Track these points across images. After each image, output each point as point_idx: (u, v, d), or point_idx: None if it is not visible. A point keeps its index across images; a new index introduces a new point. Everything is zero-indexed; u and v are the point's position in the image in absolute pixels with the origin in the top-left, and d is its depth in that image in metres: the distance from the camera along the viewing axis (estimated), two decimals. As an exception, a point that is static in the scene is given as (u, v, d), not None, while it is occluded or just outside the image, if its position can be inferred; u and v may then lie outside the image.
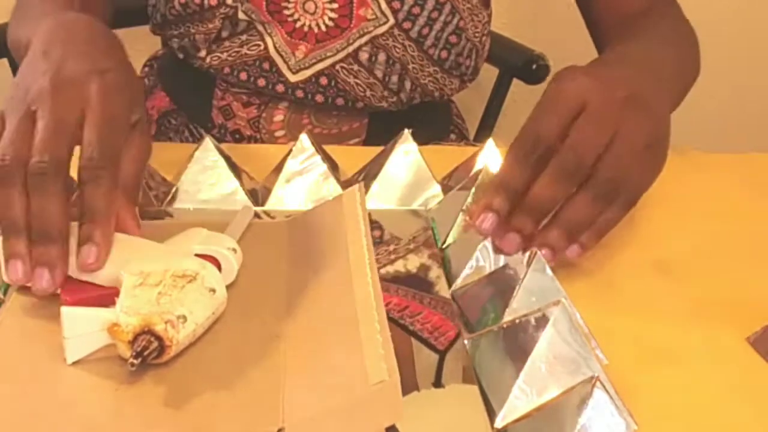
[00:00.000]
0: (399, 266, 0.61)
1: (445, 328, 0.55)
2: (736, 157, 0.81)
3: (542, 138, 0.58)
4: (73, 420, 0.43)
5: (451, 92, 0.90)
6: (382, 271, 0.60)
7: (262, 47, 0.82)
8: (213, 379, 0.46)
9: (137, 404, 0.44)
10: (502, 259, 0.58)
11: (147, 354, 0.44)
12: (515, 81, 1.18)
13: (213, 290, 0.48)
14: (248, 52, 0.82)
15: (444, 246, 0.63)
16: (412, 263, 0.61)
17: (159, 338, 0.45)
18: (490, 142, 0.68)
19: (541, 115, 0.60)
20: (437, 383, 0.51)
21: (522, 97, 1.49)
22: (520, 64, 1.16)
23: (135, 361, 0.44)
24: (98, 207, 0.49)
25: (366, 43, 0.82)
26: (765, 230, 0.70)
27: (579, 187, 0.58)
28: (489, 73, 1.16)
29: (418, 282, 0.59)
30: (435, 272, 0.60)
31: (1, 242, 0.49)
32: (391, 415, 0.41)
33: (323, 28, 0.81)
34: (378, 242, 0.63)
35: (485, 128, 1.21)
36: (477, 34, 0.87)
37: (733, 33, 1.49)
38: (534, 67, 1.15)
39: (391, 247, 0.63)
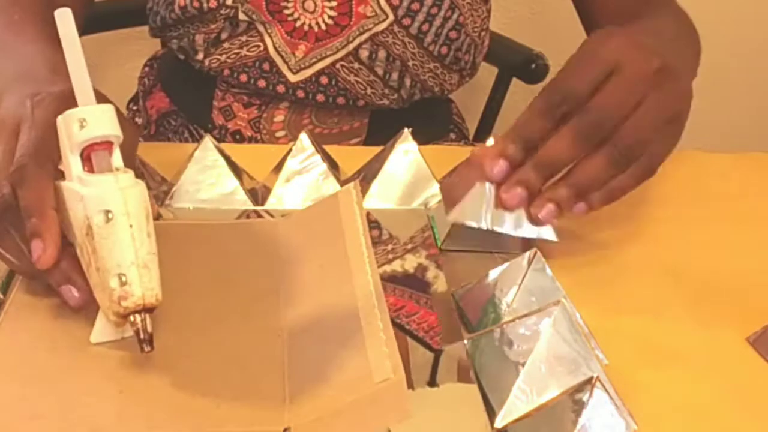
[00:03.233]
0: (396, 266, 0.61)
1: (440, 328, 0.55)
2: (736, 157, 0.80)
3: (570, 93, 0.57)
4: (77, 421, 0.43)
5: (450, 87, 0.90)
6: (380, 270, 0.60)
7: (261, 48, 0.82)
8: (216, 380, 0.46)
9: (140, 405, 0.44)
10: (502, 260, 0.58)
11: (143, 331, 0.45)
12: (514, 80, 1.18)
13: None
14: (248, 53, 0.82)
15: (444, 246, 0.63)
16: (409, 263, 0.61)
17: (135, 312, 0.45)
18: (490, 142, 0.68)
19: (573, 69, 0.59)
20: (432, 382, 0.51)
21: (521, 96, 1.49)
22: (520, 63, 1.16)
23: (146, 347, 0.45)
24: (30, 203, 0.47)
25: (366, 41, 0.82)
26: (765, 230, 0.70)
27: (596, 149, 0.58)
28: (488, 73, 1.16)
29: (415, 282, 0.59)
30: (432, 272, 0.60)
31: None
32: (397, 413, 0.41)
33: (323, 26, 0.81)
34: (376, 242, 0.63)
35: (484, 127, 1.21)
36: (476, 29, 0.87)
37: (733, 33, 1.49)
38: (533, 66, 1.15)
39: (389, 247, 0.63)
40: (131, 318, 0.44)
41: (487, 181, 0.58)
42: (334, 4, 0.80)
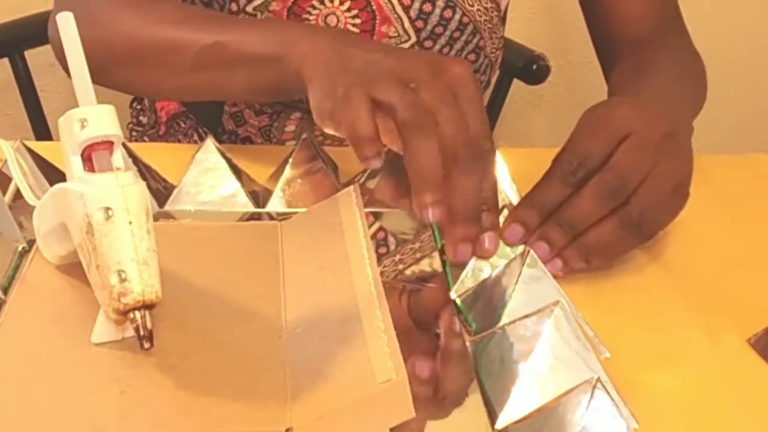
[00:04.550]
0: (425, 266, 0.61)
1: None
2: (736, 157, 0.81)
3: (586, 158, 0.59)
4: (78, 421, 0.43)
5: None
6: (408, 270, 0.60)
7: None
8: (218, 380, 0.46)
9: (142, 406, 0.44)
10: (502, 261, 0.58)
11: (143, 328, 0.45)
12: (515, 81, 1.18)
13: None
14: None
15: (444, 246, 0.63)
16: (437, 262, 0.61)
17: (135, 309, 0.45)
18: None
19: (585, 135, 0.60)
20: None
21: (522, 97, 1.49)
22: (521, 64, 1.16)
23: (146, 344, 0.45)
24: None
25: None
26: (765, 231, 0.70)
27: (610, 213, 0.59)
28: (489, 74, 1.16)
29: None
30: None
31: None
32: (400, 414, 0.41)
33: None
34: (384, 255, 0.63)
35: (485, 128, 1.21)
36: (493, 50, 0.87)
37: (733, 33, 1.50)
38: (534, 67, 1.15)
39: (417, 245, 0.63)
40: (131, 315, 0.44)
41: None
42: (357, 21, 0.79)
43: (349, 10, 0.79)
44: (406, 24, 0.80)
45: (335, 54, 0.58)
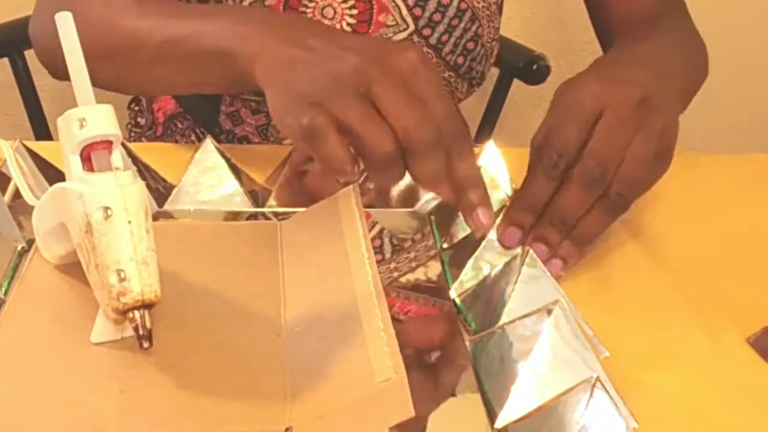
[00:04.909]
0: (420, 274, 0.61)
1: None
2: (736, 157, 0.81)
3: (565, 148, 0.59)
4: (77, 421, 0.43)
5: (460, 96, 0.90)
6: (402, 279, 0.60)
7: None
8: (217, 380, 0.46)
9: (142, 406, 0.44)
10: (502, 260, 0.58)
11: (142, 327, 0.45)
12: (515, 81, 1.18)
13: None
14: None
15: (444, 247, 0.63)
16: (432, 271, 0.61)
17: (134, 308, 0.45)
18: (490, 143, 0.68)
19: (559, 126, 0.60)
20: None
21: (522, 97, 1.49)
22: (521, 64, 1.16)
23: (145, 343, 0.45)
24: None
25: None
26: (765, 230, 0.70)
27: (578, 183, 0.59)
28: (489, 74, 1.16)
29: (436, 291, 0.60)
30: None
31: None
32: (399, 413, 0.41)
33: None
34: (379, 262, 0.62)
35: (486, 128, 1.21)
36: (490, 39, 0.87)
37: (733, 33, 1.50)
38: (535, 67, 1.15)
39: (412, 255, 0.63)
40: (130, 314, 0.44)
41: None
42: (354, 12, 0.79)
43: (345, 1, 0.79)
44: (404, 12, 0.80)
45: (286, 57, 0.57)
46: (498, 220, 0.60)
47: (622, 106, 0.59)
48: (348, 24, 0.80)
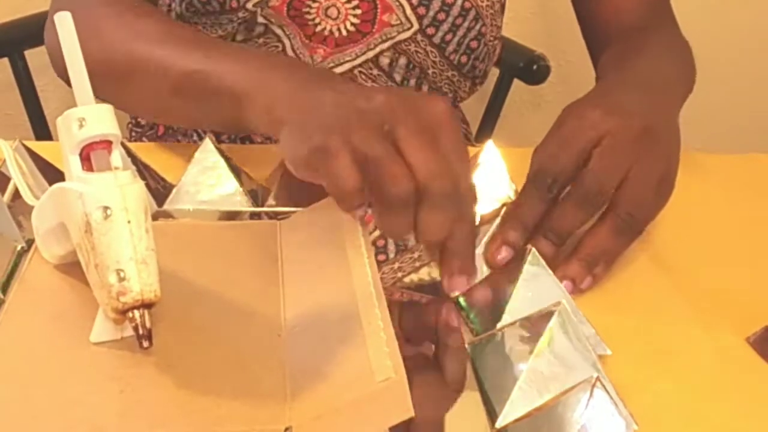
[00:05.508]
0: (423, 274, 0.61)
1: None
2: (736, 157, 0.81)
3: (560, 173, 0.59)
4: (77, 421, 0.43)
5: (463, 95, 0.90)
6: (407, 279, 0.60)
7: (279, 50, 0.81)
8: (217, 379, 0.46)
9: (142, 405, 0.44)
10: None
11: (141, 327, 0.44)
12: (515, 81, 1.18)
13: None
14: None
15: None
16: (436, 271, 0.60)
17: (134, 308, 0.45)
18: (490, 143, 0.68)
19: (557, 148, 0.60)
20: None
21: (522, 97, 1.49)
22: (521, 64, 1.16)
23: (145, 343, 0.44)
24: None
25: (388, 48, 0.81)
26: (765, 230, 0.70)
27: (599, 220, 0.59)
28: (490, 74, 1.16)
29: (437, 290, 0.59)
30: None
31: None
32: (399, 412, 0.41)
33: (344, 32, 0.80)
34: (383, 262, 0.62)
35: (486, 129, 1.21)
36: (492, 38, 0.88)
37: (733, 33, 1.50)
38: (535, 67, 1.15)
39: (415, 255, 0.62)
40: (130, 314, 0.44)
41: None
42: (359, 12, 0.79)
43: (349, 1, 0.79)
44: (408, 11, 0.80)
45: (307, 96, 0.55)
46: (486, 239, 0.60)
47: (624, 134, 0.60)
48: (352, 24, 0.80)
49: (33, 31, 1.05)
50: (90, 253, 0.45)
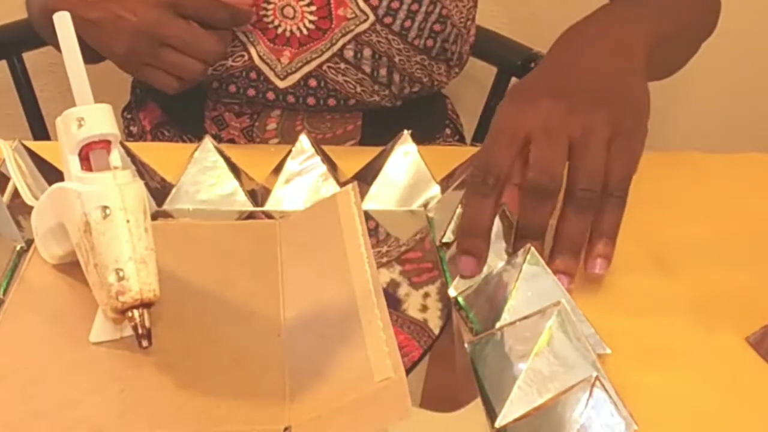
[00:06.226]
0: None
1: (409, 348, 0.54)
2: (736, 157, 0.81)
3: (494, 167, 0.59)
4: (77, 421, 0.43)
5: (440, 78, 0.90)
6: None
7: (246, 57, 0.82)
8: (216, 379, 0.46)
9: (141, 405, 0.44)
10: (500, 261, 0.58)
11: (141, 327, 0.44)
12: (513, 80, 1.18)
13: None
14: (233, 63, 0.82)
15: (444, 242, 0.63)
16: (382, 278, 0.59)
17: (133, 308, 0.45)
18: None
19: (490, 147, 0.60)
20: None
21: (521, 96, 1.49)
22: (519, 62, 1.16)
23: (144, 342, 0.44)
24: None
25: (349, 41, 0.82)
26: (765, 230, 0.70)
27: (561, 206, 0.58)
28: (487, 72, 1.16)
29: (387, 299, 0.58)
30: (404, 289, 0.59)
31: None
32: (398, 412, 0.41)
33: (305, 31, 0.81)
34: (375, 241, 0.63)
35: (484, 127, 1.21)
36: (462, 20, 0.87)
37: (733, 33, 1.49)
38: (532, 65, 1.15)
39: (384, 249, 0.62)
40: (129, 313, 0.44)
41: None
42: (313, 8, 0.80)
43: None
44: (361, 3, 0.80)
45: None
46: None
47: (553, 116, 0.59)
48: (310, 21, 0.80)
49: (31, 33, 1.05)
50: (89, 253, 0.45)
